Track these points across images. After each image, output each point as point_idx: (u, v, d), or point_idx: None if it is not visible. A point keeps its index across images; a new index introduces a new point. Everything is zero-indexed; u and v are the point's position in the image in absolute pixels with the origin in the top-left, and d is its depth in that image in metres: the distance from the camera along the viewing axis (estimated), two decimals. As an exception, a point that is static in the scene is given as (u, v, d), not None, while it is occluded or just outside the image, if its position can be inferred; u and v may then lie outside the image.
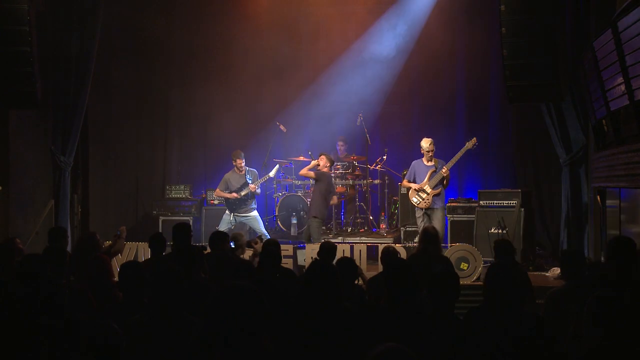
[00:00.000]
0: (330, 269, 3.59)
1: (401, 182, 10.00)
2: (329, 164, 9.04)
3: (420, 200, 8.41)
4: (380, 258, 6.30)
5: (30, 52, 7.76)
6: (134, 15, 10.34)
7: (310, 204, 9.17)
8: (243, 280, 4.22)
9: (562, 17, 8.43)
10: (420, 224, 8.41)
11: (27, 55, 7.75)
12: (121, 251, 7.09)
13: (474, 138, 8.62)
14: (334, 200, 9.38)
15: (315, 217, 8.75)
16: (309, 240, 8.67)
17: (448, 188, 8.88)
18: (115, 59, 10.54)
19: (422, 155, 8.69)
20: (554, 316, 4.19)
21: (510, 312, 3.52)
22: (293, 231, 10.19)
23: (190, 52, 11.24)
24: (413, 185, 8.51)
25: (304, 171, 8.96)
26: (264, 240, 6.43)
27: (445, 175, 8.37)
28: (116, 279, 6.27)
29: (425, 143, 8.54)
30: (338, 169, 10.45)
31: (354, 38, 11.20)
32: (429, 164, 8.54)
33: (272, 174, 9.58)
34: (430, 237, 6.01)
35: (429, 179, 8.42)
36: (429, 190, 8.40)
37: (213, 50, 11.12)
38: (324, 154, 9.09)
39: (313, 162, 9.03)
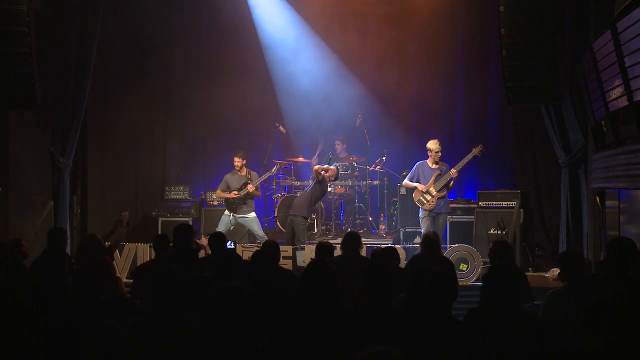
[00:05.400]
0: (328, 269, 3.57)
1: (400, 183, 10.01)
2: (333, 178, 9.09)
3: (425, 202, 8.44)
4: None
5: (30, 53, 7.75)
6: (133, 15, 10.34)
7: (299, 201, 8.85)
8: (242, 281, 4.23)
9: (562, 18, 8.45)
10: (423, 224, 8.43)
11: (26, 56, 7.75)
12: (123, 239, 6.91)
13: (480, 145, 8.61)
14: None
15: (303, 217, 8.69)
16: (292, 240, 8.58)
17: (447, 189, 8.90)
18: (114, 60, 10.53)
19: (424, 157, 8.69)
20: (552, 317, 4.19)
21: (508, 312, 3.52)
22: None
23: (190, 53, 11.24)
24: (419, 186, 8.51)
25: (318, 167, 8.87)
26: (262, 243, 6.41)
27: (454, 176, 8.39)
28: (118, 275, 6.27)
29: (433, 145, 8.53)
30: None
31: (353, 38, 11.20)
32: (434, 166, 8.54)
33: (272, 171, 9.65)
34: (431, 242, 6.16)
35: (435, 181, 8.44)
36: (434, 192, 8.42)
37: (213, 51, 11.13)
38: (336, 167, 9.16)
39: (326, 166, 8.99)
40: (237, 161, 9.33)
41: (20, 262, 5.23)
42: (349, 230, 7.44)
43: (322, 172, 8.77)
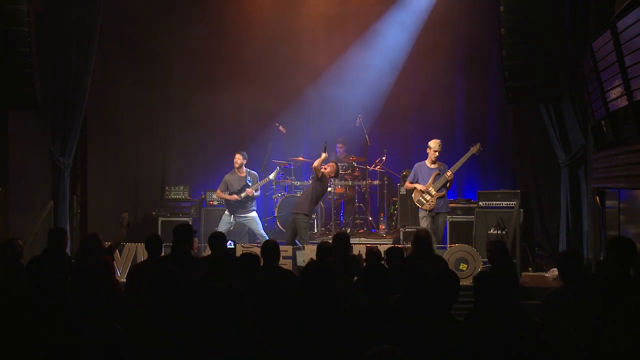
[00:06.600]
0: (327, 269, 3.57)
1: (400, 183, 10.03)
2: (332, 174, 9.05)
3: (425, 202, 8.46)
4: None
5: (30, 53, 7.76)
6: (134, 15, 10.33)
7: (300, 200, 8.88)
8: (240, 281, 4.23)
9: (561, 18, 8.44)
10: (423, 224, 8.44)
11: (26, 56, 7.76)
12: (123, 240, 6.91)
13: (478, 143, 8.63)
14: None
15: (305, 214, 8.67)
16: (293, 240, 8.54)
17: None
18: (114, 60, 10.53)
19: (424, 157, 8.70)
20: (552, 317, 4.19)
21: (504, 313, 3.53)
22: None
23: (189, 53, 11.23)
24: (418, 186, 8.53)
25: (317, 163, 8.78)
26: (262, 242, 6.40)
27: (449, 179, 8.42)
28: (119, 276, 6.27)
29: (435, 144, 8.56)
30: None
31: (353, 39, 11.19)
32: (433, 166, 8.56)
33: (272, 176, 9.63)
34: (422, 240, 6.08)
35: (433, 181, 8.45)
36: (433, 192, 8.44)
37: (212, 51, 11.12)
38: (335, 163, 9.11)
39: (324, 156, 8.75)
40: (238, 159, 9.33)
41: (17, 262, 5.23)
42: (340, 230, 7.44)
43: (322, 167, 8.76)
